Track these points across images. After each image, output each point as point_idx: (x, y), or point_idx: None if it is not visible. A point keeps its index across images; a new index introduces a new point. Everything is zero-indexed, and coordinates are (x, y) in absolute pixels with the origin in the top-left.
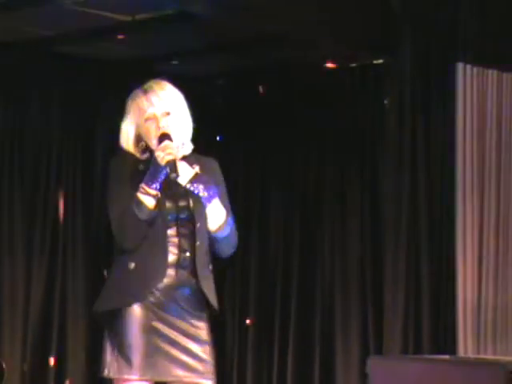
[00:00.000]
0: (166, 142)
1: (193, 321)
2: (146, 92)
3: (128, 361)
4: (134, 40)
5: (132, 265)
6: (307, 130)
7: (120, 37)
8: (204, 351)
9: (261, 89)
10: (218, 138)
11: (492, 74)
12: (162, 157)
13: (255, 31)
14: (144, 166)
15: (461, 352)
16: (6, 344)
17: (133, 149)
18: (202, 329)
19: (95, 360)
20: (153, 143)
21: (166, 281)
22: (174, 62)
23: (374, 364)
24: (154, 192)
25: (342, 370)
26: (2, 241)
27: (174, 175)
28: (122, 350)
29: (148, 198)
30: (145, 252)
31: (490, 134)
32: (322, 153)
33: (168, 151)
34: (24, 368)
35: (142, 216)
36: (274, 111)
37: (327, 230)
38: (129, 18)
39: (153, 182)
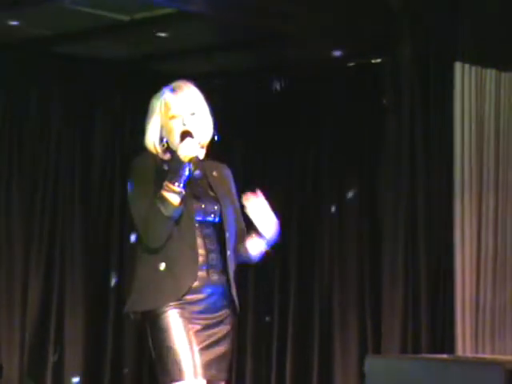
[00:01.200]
0: (188, 139)
1: (220, 320)
2: (173, 91)
3: (176, 365)
4: (132, 39)
5: (162, 265)
6: (306, 129)
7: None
8: (229, 349)
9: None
10: (215, 138)
11: (490, 73)
12: (185, 154)
13: (253, 31)
14: (167, 166)
15: (459, 351)
16: (4, 344)
17: (157, 148)
18: (227, 327)
19: (93, 359)
20: (175, 142)
21: (198, 281)
22: (171, 62)
23: (372, 363)
24: (178, 189)
25: (340, 369)
26: (0, 241)
27: (197, 172)
28: (168, 355)
29: (172, 195)
30: (174, 252)
31: (488, 133)
32: (320, 152)
33: (190, 148)
34: (22, 367)
35: (168, 213)
36: (273, 111)
37: (325, 229)
38: (127, 18)
39: (176, 180)
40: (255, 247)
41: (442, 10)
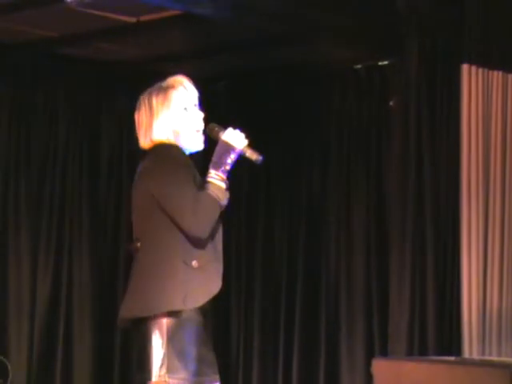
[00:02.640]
0: (230, 129)
1: (209, 321)
2: (181, 83)
3: (186, 365)
4: (138, 41)
5: (194, 262)
6: (312, 131)
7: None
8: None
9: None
10: None
11: (497, 75)
12: (239, 141)
13: (258, 32)
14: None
15: (466, 353)
16: (12, 344)
17: (170, 141)
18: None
19: (101, 361)
20: (191, 132)
21: None
22: (178, 63)
23: (378, 365)
24: (224, 177)
25: (347, 370)
26: (8, 241)
27: (255, 157)
28: (178, 355)
29: (221, 182)
30: (206, 252)
31: (494, 136)
32: (326, 154)
33: (239, 135)
34: (30, 368)
35: (221, 200)
36: (278, 112)
37: (332, 230)
38: (134, 20)
39: (223, 167)
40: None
41: (448, 11)
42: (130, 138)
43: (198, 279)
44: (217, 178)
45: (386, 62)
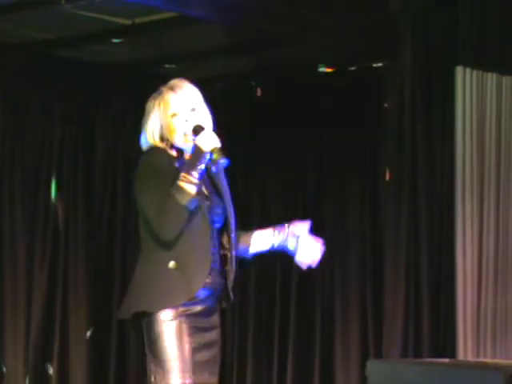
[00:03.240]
0: (205, 131)
1: (213, 323)
2: (172, 88)
3: (172, 368)
4: (133, 44)
5: (172, 263)
6: (306, 133)
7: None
8: (219, 353)
9: (259, 91)
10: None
11: (491, 77)
12: (205, 144)
13: (255, 34)
14: (178, 163)
15: (460, 355)
16: (8, 347)
17: (162, 145)
18: (219, 331)
19: (97, 362)
20: (179, 139)
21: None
22: (173, 66)
23: (373, 367)
24: (195, 180)
25: (341, 373)
26: (3, 243)
27: (223, 161)
28: (164, 357)
29: (190, 186)
30: (187, 252)
31: (489, 137)
32: (321, 156)
33: (210, 139)
34: (26, 371)
35: (184, 202)
36: (274, 114)
37: (327, 232)
38: (129, 22)
39: (194, 170)
40: (259, 243)
41: (443, 13)
42: (125, 139)
43: (176, 280)
44: (185, 181)
45: (380, 64)
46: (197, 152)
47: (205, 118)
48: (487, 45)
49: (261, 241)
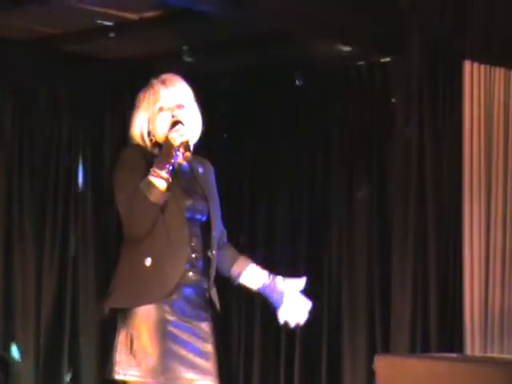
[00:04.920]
0: (180, 126)
1: (199, 321)
2: (162, 82)
3: (142, 363)
4: (141, 38)
5: (148, 260)
6: (314, 128)
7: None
8: (210, 352)
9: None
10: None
11: (499, 71)
12: (176, 138)
13: (260, 29)
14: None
15: (468, 350)
16: (18, 339)
17: (144, 141)
18: (207, 329)
19: (107, 357)
20: (163, 134)
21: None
22: (186, 59)
23: (381, 362)
24: (165, 175)
25: (349, 367)
26: (13, 244)
27: (188, 155)
28: (135, 353)
29: (160, 180)
30: (162, 248)
31: (497, 132)
32: (328, 152)
33: (181, 133)
34: (38, 367)
35: (153, 198)
36: (278, 110)
37: (334, 229)
38: (136, 17)
39: (165, 165)
40: (250, 279)
41: (450, 8)
42: None
43: (151, 277)
44: (154, 175)
45: (387, 59)
46: (166, 146)
47: (192, 116)
48: (495, 39)
49: (253, 278)
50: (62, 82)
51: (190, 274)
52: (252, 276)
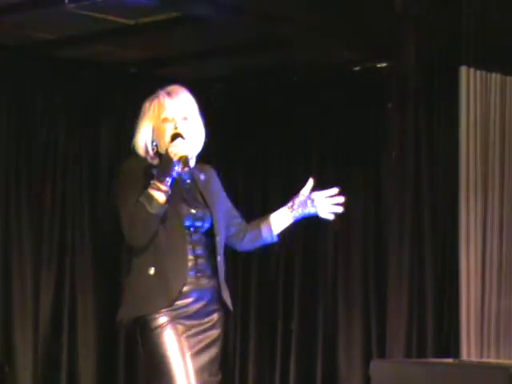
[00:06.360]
0: (179, 139)
1: (211, 324)
2: (168, 94)
3: (168, 372)
4: (137, 44)
5: (152, 270)
6: (309, 133)
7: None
8: (219, 352)
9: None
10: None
11: (495, 77)
12: (175, 152)
13: (257, 34)
14: (156, 171)
15: (464, 356)
16: (17, 350)
17: (148, 150)
18: (218, 331)
19: (105, 363)
20: (166, 144)
21: (187, 286)
22: (180, 66)
23: (376, 367)
24: (165, 188)
25: (345, 372)
26: (11, 245)
27: (187, 169)
28: (160, 362)
29: (159, 193)
30: (164, 257)
31: (493, 138)
32: (323, 157)
33: (180, 148)
34: (36, 373)
35: (152, 210)
36: (275, 114)
37: (330, 230)
38: (132, 22)
39: (164, 178)
40: (280, 222)
41: (446, 13)
42: (128, 139)
43: (155, 286)
44: (154, 188)
45: (384, 64)
46: (165, 160)
47: (195, 128)
48: (491, 45)
49: (281, 219)
50: (56, 86)
51: (199, 279)
52: (279, 221)
